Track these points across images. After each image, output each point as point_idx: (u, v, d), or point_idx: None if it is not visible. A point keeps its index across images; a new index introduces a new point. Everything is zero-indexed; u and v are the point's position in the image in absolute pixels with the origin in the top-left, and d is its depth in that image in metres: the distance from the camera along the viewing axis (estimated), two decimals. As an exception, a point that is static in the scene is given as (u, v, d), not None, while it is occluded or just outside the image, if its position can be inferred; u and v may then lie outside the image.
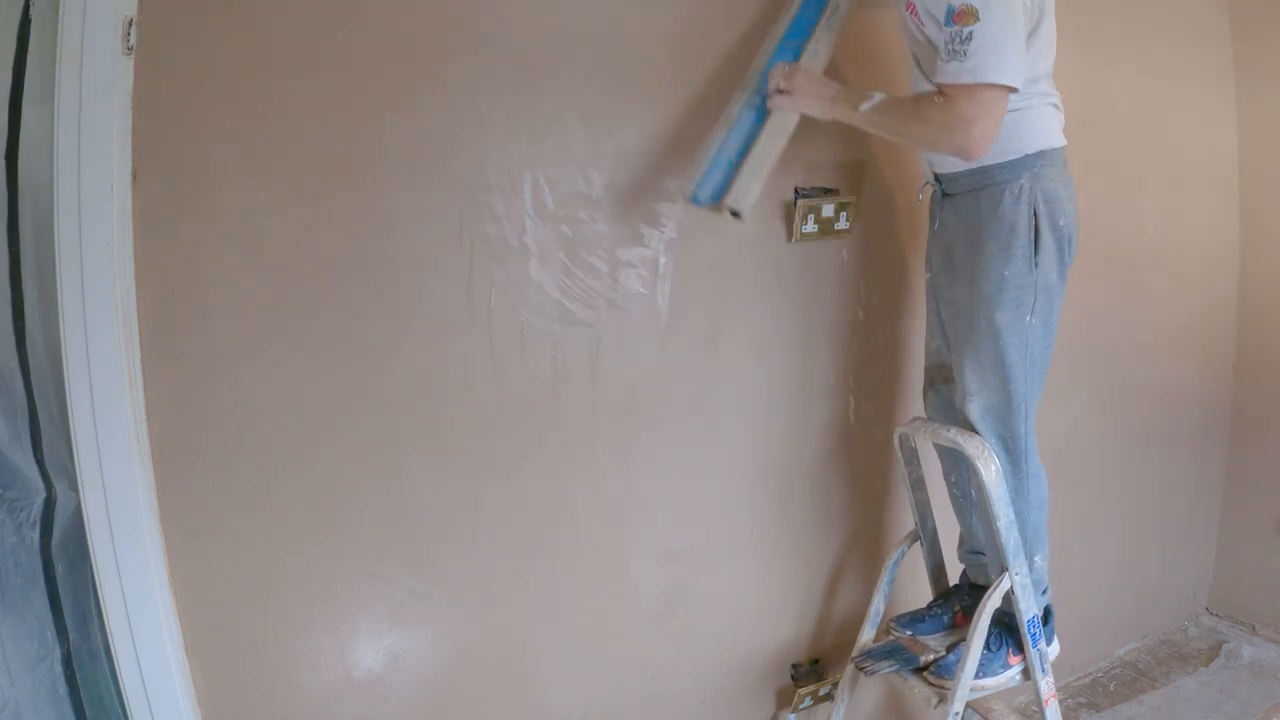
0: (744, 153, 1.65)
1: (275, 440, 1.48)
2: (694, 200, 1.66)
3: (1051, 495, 1.81)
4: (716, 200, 1.64)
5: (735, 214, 1.61)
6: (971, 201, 1.70)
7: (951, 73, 1.46)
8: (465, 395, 1.63)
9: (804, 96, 1.62)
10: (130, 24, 1.31)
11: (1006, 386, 1.68)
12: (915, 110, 1.60)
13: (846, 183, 1.98)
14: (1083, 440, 2.57)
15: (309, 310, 1.48)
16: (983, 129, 1.47)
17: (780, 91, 1.63)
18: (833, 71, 1.75)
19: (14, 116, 1.38)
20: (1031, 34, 1.56)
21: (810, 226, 1.92)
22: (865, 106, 1.58)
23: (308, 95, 1.44)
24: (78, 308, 1.32)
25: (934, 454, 1.97)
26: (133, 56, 1.31)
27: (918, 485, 1.94)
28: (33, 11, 1.36)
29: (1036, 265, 1.64)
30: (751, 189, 1.61)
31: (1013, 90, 1.48)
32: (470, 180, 1.59)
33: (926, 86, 1.62)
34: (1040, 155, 1.64)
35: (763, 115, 1.67)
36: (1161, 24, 2.61)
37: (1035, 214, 1.63)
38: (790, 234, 1.92)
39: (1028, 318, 1.66)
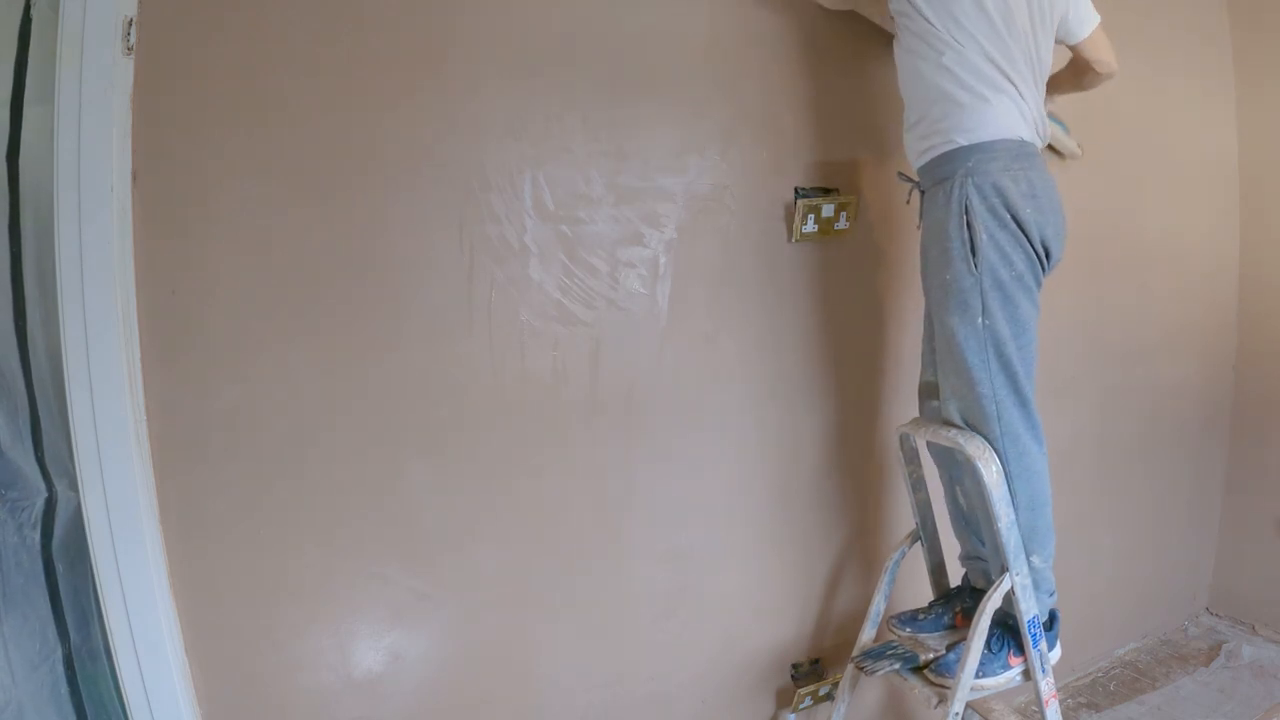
0: None
1: (275, 440, 1.48)
2: None
3: (1052, 495, 1.80)
4: None
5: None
6: (929, 198, 1.70)
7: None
8: (465, 395, 1.63)
9: None
10: (130, 24, 1.31)
11: (974, 390, 1.64)
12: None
13: (846, 183, 1.98)
14: (1083, 440, 2.57)
15: (309, 310, 1.48)
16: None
17: None
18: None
19: (15, 117, 1.38)
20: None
21: (810, 226, 1.92)
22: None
23: (308, 96, 1.45)
24: (78, 307, 1.32)
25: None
26: (133, 56, 1.32)
27: (918, 485, 1.93)
28: (33, 11, 1.36)
29: (977, 267, 1.58)
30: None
31: None
32: (470, 180, 1.59)
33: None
34: (978, 148, 1.58)
35: None
36: (1162, 24, 2.61)
37: (967, 211, 1.58)
38: (790, 234, 1.92)
39: (979, 320, 1.60)
